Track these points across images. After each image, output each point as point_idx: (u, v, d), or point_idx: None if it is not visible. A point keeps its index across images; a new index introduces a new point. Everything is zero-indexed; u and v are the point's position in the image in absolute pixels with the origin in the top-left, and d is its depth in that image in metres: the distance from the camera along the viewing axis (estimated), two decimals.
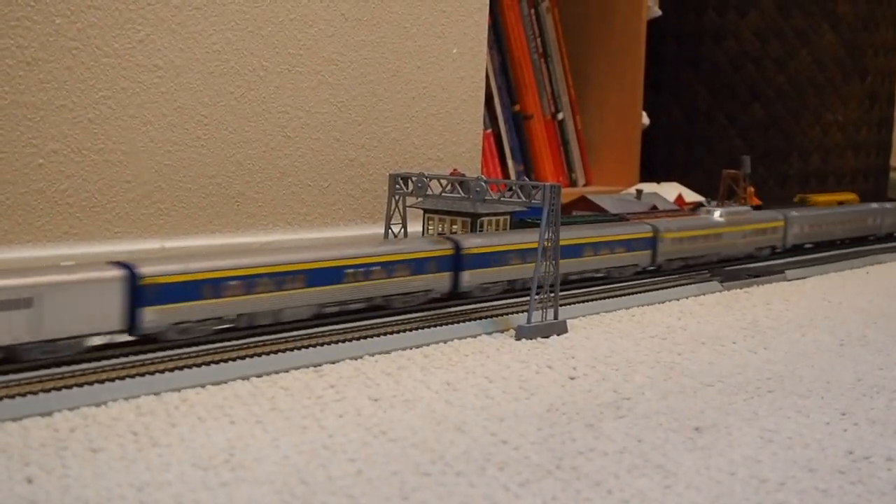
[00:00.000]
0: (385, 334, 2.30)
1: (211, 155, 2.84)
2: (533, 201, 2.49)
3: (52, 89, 2.50)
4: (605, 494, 1.47)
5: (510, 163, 4.55)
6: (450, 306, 2.64)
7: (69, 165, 2.55)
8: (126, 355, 2.00)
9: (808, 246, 4.28)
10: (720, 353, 2.39)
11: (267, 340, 2.18)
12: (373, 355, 2.20)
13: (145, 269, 2.03)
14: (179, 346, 2.09)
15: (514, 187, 2.55)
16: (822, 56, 5.38)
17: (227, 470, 1.49)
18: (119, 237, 2.65)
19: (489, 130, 4.39)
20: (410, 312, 2.54)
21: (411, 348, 2.28)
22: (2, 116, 2.42)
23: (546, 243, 2.44)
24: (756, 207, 4.39)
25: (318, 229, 3.17)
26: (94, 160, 2.59)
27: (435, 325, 2.42)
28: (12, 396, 1.70)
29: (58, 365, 1.90)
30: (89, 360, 1.94)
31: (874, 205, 4.86)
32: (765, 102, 5.35)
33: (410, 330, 2.36)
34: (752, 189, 4.45)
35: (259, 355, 2.06)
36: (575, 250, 2.98)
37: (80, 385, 1.79)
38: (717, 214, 3.69)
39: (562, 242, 2.52)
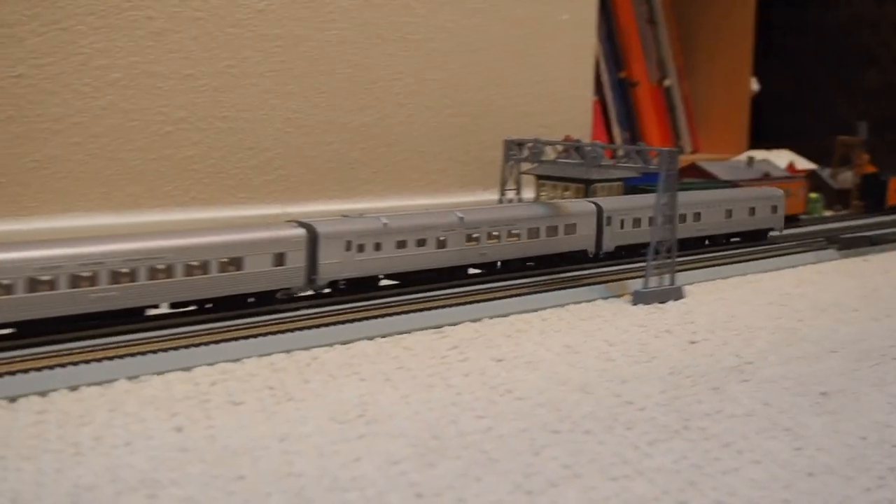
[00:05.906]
0: (502, 298, 2.33)
1: (328, 122, 2.90)
2: (650, 166, 2.48)
3: (179, 59, 2.58)
4: (736, 454, 1.47)
5: (616, 130, 4.52)
6: (565, 272, 2.65)
7: (195, 133, 2.63)
8: (256, 315, 2.07)
9: None
10: (841, 321, 2.36)
11: (389, 302, 2.23)
12: (491, 318, 2.23)
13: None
14: (307, 308, 2.15)
15: (630, 153, 2.54)
16: None
17: (362, 424, 1.54)
18: (242, 202, 2.74)
19: (595, 98, 4.36)
20: (527, 277, 2.56)
21: (528, 312, 2.31)
22: (133, 85, 2.52)
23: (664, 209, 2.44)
24: (870, 175, 4.28)
25: (428, 196, 3.20)
26: (219, 127, 2.67)
27: (550, 290, 2.44)
28: (155, 352, 1.79)
29: (192, 325, 1.98)
30: (222, 320, 2.02)
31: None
32: (882, 68, 5.19)
33: (526, 294, 2.39)
34: (867, 156, 4.34)
35: (382, 317, 2.11)
36: None
37: (217, 342, 1.86)
38: None
39: None
